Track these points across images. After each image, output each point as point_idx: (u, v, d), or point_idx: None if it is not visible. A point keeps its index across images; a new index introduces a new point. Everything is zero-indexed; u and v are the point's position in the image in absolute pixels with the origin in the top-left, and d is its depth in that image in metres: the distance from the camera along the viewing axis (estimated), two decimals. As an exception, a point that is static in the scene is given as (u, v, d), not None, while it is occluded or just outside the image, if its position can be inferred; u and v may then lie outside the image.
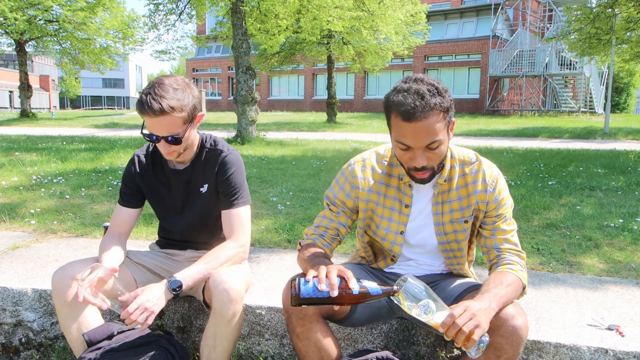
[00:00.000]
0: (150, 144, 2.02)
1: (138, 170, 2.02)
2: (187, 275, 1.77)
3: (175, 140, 1.82)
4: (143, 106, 1.74)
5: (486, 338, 1.39)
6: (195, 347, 2.25)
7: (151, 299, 1.64)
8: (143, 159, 2.04)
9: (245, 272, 1.93)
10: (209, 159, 1.99)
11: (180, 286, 1.73)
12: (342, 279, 1.43)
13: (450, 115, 1.57)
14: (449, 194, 1.76)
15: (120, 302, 1.64)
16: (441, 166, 1.70)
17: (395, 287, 1.41)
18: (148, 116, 1.75)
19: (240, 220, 1.96)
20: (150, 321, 1.63)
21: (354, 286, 1.42)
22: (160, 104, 1.72)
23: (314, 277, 1.44)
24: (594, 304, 2.19)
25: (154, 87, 1.76)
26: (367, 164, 1.83)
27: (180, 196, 2.03)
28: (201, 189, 2.00)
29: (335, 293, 1.39)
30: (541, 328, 1.95)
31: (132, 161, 2.04)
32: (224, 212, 1.98)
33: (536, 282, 2.49)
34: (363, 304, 1.78)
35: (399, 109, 1.51)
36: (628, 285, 2.48)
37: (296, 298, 1.41)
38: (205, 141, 2.02)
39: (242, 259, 1.97)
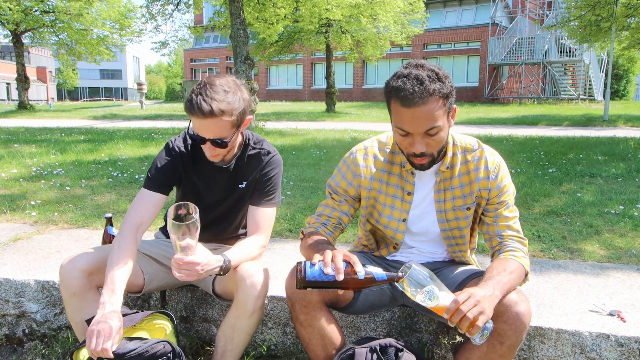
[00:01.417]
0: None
1: (180, 158, 1.96)
2: (235, 259, 1.79)
3: (221, 144, 1.80)
4: (192, 106, 1.70)
5: (490, 325, 1.40)
6: (198, 337, 2.26)
7: (204, 268, 1.66)
8: (184, 150, 1.96)
9: (267, 267, 1.94)
10: (253, 157, 1.97)
11: (229, 269, 1.77)
12: (348, 263, 1.44)
13: (451, 101, 1.57)
14: (451, 181, 1.76)
15: (182, 245, 1.62)
16: (442, 153, 1.70)
17: (400, 274, 1.42)
18: (196, 117, 1.72)
19: (269, 219, 1.98)
20: (187, 279, 1.67)
21: (360, 270, 1.42)
22: (211, 106, 1.69)
23: (319, 260, 1.45)
24: (595, 290, 2.20)
25: (205, 88, 1.72)
26: (369, 152, 1.82)
27: (219, 192, 2.01)
28: (240, 185, 1.99)
29: (341, 277, 1.40)
30: (543, 314, 1.96)
31: (172, 149, 1.95)
32: (254, 208, 1.97)
33: (537, 269, 2.50)
34: (366, 291, 1.79)
35: (398, 95, 1.51)
36: (629, 271, 2.48)
37: (302, 281, 1.42)
38: (249, 140, 2.00)
39: (260, 257, 1.99)
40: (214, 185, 2.00)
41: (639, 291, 2.19)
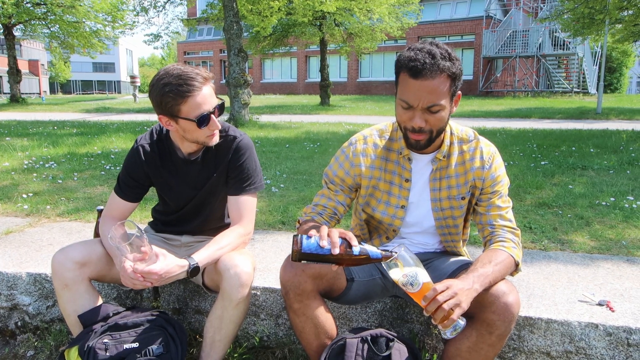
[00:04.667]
0: (155, 132, 1.99)
1: (144, 159, 1.96)
2: (203, 259, 1.76)
3: (221, 107, 1.83)
4: (194, 80, 1.72)
5: (463, 322, 1.41)
6: (191, 328, 2.26)
7: (162, 277, 1.65)
8: (148, 148, 1.96)
9: (252, 256, 1.94)
10: (221, 145, 1.95)
11: (198, 271, 1.74)
12: (344, 240, 1.44)
13: (457, 85, 1.57)
14: (447, 170, 1.77)
15: (139, 257, 1.62)
16: (440, 140, 1.70)
17: (394, 253, 1.43)
18: (198, 91, 1.73)
19: (249, 206, 1.95)
20: (140, 287, 1.67)
21: (355, 245, 1.43)
22: (201, 74, 1.75)
23: (316, 234, 1.45)
24: (585, 281, 2.22)
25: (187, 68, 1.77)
26: (369, 141, 1.82)
27: (194, 185, 1.99)
28: (214, 174, 1.98)
29: (336, 250, 1.40)
30: (533, 304, 1.97)
31: (137, 151, 1.97)
32: (233, 198, 1.95)
33: (528, 259, 2.52)
34: (359, 281, 1.80)
35: (409, 65, 1.51)
36: (618, 262, 2.51)
37: (297, 253, 1.41)
38: None
39: (245, 245, 1.98)
40: (187, 179, 1.99)
41: (628, 281, 2.21)
